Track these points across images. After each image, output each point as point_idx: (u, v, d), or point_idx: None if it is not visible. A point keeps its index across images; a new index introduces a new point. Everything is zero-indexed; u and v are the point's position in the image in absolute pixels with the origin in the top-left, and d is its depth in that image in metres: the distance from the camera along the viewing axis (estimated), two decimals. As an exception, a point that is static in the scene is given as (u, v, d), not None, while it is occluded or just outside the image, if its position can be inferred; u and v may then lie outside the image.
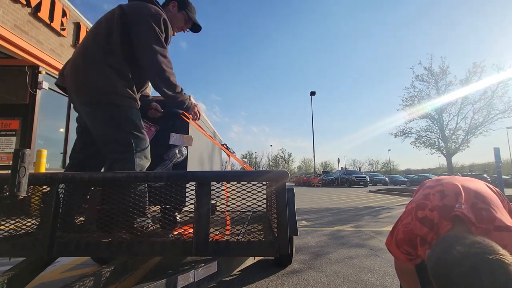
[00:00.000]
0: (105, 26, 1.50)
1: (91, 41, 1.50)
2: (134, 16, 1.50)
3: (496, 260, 0.64)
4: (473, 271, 0.65)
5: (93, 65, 1.43)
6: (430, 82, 12.14)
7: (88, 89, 1.44)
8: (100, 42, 1.46)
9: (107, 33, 1.47)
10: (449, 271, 0.69)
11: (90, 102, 1.45)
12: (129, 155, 1.43)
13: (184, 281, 1.11)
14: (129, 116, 1.47)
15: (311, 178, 28.73)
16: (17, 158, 0.95)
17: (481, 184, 1.06)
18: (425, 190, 1.09)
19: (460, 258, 0.68)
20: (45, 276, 2.19)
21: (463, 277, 0.66)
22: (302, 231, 4.41)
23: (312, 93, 28.70)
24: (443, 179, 1.11)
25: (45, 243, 1.09)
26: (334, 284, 2.20)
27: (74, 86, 1.47)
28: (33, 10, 5.84)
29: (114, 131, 1.44)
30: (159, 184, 1.35)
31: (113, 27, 1.47)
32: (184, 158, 1.91)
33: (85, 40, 1.55)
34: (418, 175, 32.41)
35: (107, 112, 1.44)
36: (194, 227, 1.11)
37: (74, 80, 1.46)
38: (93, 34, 1.52)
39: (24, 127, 5.84)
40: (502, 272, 0.63)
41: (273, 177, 1.17)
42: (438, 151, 12.20)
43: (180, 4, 1.78)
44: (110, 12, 1.56)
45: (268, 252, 1.13)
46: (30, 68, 5.92)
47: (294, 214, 2.17)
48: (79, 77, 1.45)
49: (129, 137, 1.45)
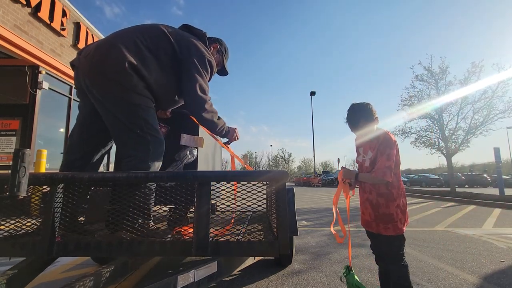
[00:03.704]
0: (151, 38, 1.53)
1: (132, 43, 1.47)
2: (184, 50, 1.60)
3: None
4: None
5: (123, 63, 1.39)
6: (430, 82, 12.11)
7: (108, 82, 1.40)
8: (140, 49, 1.47)
9: (152, 46, 1.51)
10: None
11: (108, 95, 1.41)
12: (144, 155, 1.44)
13: (184, 281, 1.11)
14: (146, 115, 1.47)
15: (311, 178, 28.72)
16: (17, 158, 0.95)
17: None
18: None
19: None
20: (45, 276, 2.20)
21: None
22: (302, 231, 4.41)
23: (312, 93, 28.69)
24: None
25: (45, 243, 1.09)
26: (334, 284, 2.20)
27: (93, 73, 1.41)
28: (33, 10, 5.84)
29: (130, 130, 1.44)
30: (169, 184, 1.35)
31: (160, 45, 1.53)
32: (194, 159, 1.92)
33: (123, 36, 1.51)
34: (418, 175, 32.39)
35: (125, 109, 1.43)
36: (194, 227, 1.11)
37: (98, 67, 1.41)
38: (135, 39, 1.49)
39: (24, 127, 5.84)
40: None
41: (273, 177, 1.17)
42: (438, 151, 12.16)
43: (220, 49, 1.97)
44: (159, 29, 1.60)
45: (268, 252, 1.13)
46: (30, 68, 5.92)
47: (294, 214, 2.17)
48: (104, 67, 1.40)
49: (146, 136, 1.45)
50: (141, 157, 1.44)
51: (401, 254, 1.45)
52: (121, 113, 1.43)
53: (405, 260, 1.45)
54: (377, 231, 1.48)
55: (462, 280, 2.29)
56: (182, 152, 1.86)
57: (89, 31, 7.81)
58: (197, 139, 1.95)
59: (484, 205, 8.43)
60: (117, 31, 1.59)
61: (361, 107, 1.58)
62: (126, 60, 1.40)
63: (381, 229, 1.45)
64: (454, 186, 11.99)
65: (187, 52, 1.60)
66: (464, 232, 4.39)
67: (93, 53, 1.44)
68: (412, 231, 4.38)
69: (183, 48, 1.59)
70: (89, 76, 1.43)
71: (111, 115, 1.44)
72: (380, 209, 1.47)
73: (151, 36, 1.54)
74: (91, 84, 1.42)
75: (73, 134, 1.61)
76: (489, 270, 2.56)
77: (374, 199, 1.49)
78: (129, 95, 1.42)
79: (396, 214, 1.44)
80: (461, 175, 27.72)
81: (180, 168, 1.82)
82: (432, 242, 3.65)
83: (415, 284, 2.19)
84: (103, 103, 1.43)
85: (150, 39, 1.53)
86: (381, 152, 1.45)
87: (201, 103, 1.61)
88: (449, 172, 12.53)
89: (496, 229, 4.64)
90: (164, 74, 1.55)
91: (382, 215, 1.46)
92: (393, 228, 1.43)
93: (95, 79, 1.42)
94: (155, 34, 1.56)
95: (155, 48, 1.52)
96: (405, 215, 1.47)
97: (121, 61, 1.39)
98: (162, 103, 1.67)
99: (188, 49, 1.60)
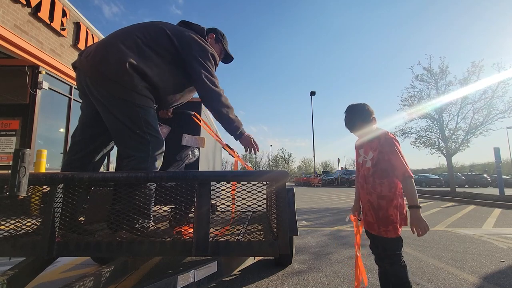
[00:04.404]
0: (151, 36, 1.54)
1: (132, 41, 1.48)
2: (185, 47, 1.59)
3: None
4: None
5: (124, 63, 1.40)
6: (430, 82, 12.10)
7: (108, 82, 1.40)
8: (140, 47, 1.48)
9: (152, 43, 1.51)
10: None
11: (108, 95, 1.42)
12: (144, 155, 1.44)
13: (184, 281, 1.11)
14: (146, 116, 1.47)
15: (311, 178, 28.72)
16: (17, 158, 0.95)
17: None
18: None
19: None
20: (45, 276, 2.19)
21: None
22: (302, 231, 4.41)
23: (312, 93, 28.69)
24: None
25: (45, 243, 1.09)
26: (334, 284, 2.20)
27: (95, 73, 1.42)
28: (33, 10, 5.84)
29: (131, 130, 1.44)
30: (170, 184, 1.35)
31: (160, 42, 1.54)
32: (196, 159, 1.93)
33: (122, 36, 1.52)
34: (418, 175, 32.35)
35: (125, 109, 1.43)
36: (194, 227, 1.11)
37: (98, 67, 1.41)
38: (135, 38, 1.50)
39: (24, 127, 5.84)
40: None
41: (273, 177, 1.17)
42: (438, 151, 12.16)
43: (217, 37, 1.97)
44: (158, 26, 1.60)
45: (268, 252, 1.13)
46: (30, 68, 5.92)
47: (294, 214, 2.17)
48: (104, 67, 1.41)
49: (146, 137, 1.46)
50: (141, 157, 1.44)
51: (399, 255, 1.45)
52: (121, 113, 1.43)
53: (403, 260, 1.45)
54: (378, 233, 1.47)
55: (462, 280, 2.29)
56: (183, 152, 1.87)
57: (89, 31, 7.81)
58: (198, 139, 1.95)
59: (484, 205, 8.43)
60: (117, 30, 1.59)
61: (357, 108, 1.58)
62: (126, 60, 1.40)
63: (382, 232, 1.45)
64: (454, 186, 11.99)
65: (188, 48, 1.60)
66: (464, 232, 4.39)
67: (93, 54, 1.45)
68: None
69: (184, 44, 1.60)
70: (90, 76, 1.43)
71: (111, 115, 1.44)
72: (381, 212, 1.47)
73: (150, 34, 1.54)
74: (91, 84, 1.43)
75: (75, 134, 1.62)
76: (489, 270, 2.56)
77: (375, 201, 1.49)
78: (129, 95, 1.42)
79: (395, 215, 1.44)
80: (461, 175, 27.72)
81: (181, 168, 1.82)
82: (432, 242, 3.65)
83: (415, 284, 2.19)
84: (103, 104, 1.43)
85: (150, 37, 1.53)
86: (386, 152, 1.45)
87: (215, 96, 1.61)
88: (449, 172, 12.53)
89: (496, 229, 4.64)
90: (165, 72, 1.55)
91: (383, 217, 1.46)
92: (394, 230, 1.43)
93: (96, 79, 1.42)
94: (154, 31, 1.56)
95: (155, 45, 1.52)
96: (403, 216, 1.47)
97: (121, 61, 1.39)
98: (164, 101, 1.67)
99: (189, 45, 1.60)
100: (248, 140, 1.75)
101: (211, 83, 1.60)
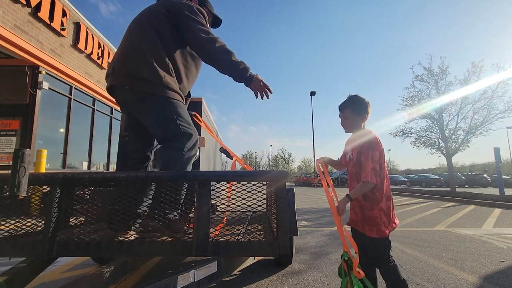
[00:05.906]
0: (152, 22, 1.59)
1: (141, 36, 1.56)
2: (176, 12, 1.62)
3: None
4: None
5: (143, 58, 1.49)
6: (430, 82, 12.11)
7: (138, 82, 1.49)
8: (151, 38, 1.54)
9: (157, 29, 1.57)
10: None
11: (141, 97, 1.51)
12: (180, 145, 1.51)
13: (184, 281, 1.11)
14: (176, 109, 1.54)
15: (311, 178, 28.71)
16: (17, 158, 0.95)
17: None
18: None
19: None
20: (45, 276, 2.20)
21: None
22: (302, 231, 4.41)
23: (312, 93, 28.70)
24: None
25: (45, 243, 1.09)
26: (334, 284, 2.20)
27: (125, 79, 1.51)
28: (33, 10, 5.83)
29: (164, 124, 1.52)
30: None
31: (161, 24, 1.58)
32: (197, 159, 1.93)
33: (131, 36, 1.60)
34: (418, 175, 32.38)
35: (157, 105, 1.51)
36: (194, 227, 1.11)
37: (125, 73, 1.51)
38: (141, 30, 1.58)
39: (24, 127, 5.84)
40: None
41: (273, 177, 1.17)
42: (438, 151, 12.16)
43: (200, 0, 1.94)
44: (153, 10, 1.65)
45: (268, 252, 1.13)
46: (30, 68, 5.92)
47: (294, 214, 2.17)
48: (131, 70, 1.50)
49: (179, 129, 1.52)
50: (177, 147, 1.51)
51: (388, 255, 1.47)
52: (154, 110, 1.52)
53: (392, 260, 1.48)
54: (362, 231, 1.49)
55: (462, 280, 2.29)
56: None
57: (89, 31, 7.81)
58: (199, 139, 1.96)
59: (484, 205, 8.44)
60: (124, 36, 1.66)
61: (355, 98, 1.64)
62: (146, 56, 1.49)
63: (366, 231, 1.47)
64: (454, 186, 11.99)
65: (179, 13, 1.62)
66: (464, 232, 4.39)
67: (115, 63, 1.56)
68: (412, 231, 4.37)
69: (176, 13, 1.63)
70: (121, 85, 1.53)
71: (146, 115, 1.55)
72: (365, 212, 1.49)
73: (156, 27, 1.58)
74: (123, 92, 1.55)
75: (121, 142, 1.81)
76: (489, 270, 2.56)
77: (362, 200, 1.51)
78: (158, 90, 1.50)
79: (380, 217, 1.45)
80: (461, 175, 27.72)
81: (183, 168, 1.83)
82: (432, 242, 3.65)
83: (415, 284, 2.20)
84: (136, 106, 1.55)
85: (157, 26, 1.58)
86: (364, 154, 1.47)
87: (210, 44, 1.57)
88: (449, 172, 12.53)
89: (496, 229, 4.64)
90: (178, 49, 1.63)
91: (367, 217, 1.48)
92: (377, 231, 1.44)
93: (126, 84, 1.51)
94: (157, 20, 1.61)
95: (163, 31, 1.58)
96: (390, 218, 1.48)
97: (143, 60, 1.49)
98: (187, 80, 1.71)
99: (179, 10, 1.63)
100: (258, 83, 1.63)
101: (205, 33, 1.58)
